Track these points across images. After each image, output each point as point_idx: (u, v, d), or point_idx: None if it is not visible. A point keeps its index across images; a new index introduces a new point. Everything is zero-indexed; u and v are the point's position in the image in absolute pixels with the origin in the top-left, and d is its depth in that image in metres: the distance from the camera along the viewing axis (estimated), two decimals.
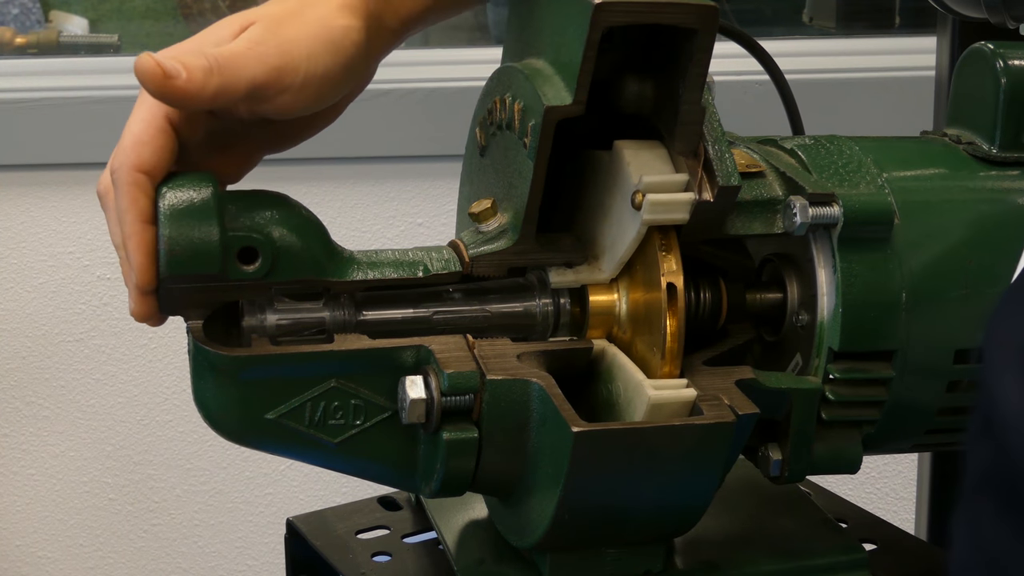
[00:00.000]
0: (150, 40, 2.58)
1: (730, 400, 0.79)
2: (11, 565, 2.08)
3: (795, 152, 0.87)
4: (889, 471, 2.03)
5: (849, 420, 0.85)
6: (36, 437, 2.04)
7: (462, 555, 0.89)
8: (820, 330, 0.84)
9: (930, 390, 0.86)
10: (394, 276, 0.82)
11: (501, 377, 0.79)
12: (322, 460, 0.82)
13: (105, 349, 2.00)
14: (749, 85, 1.80)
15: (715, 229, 0.83)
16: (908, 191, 0.86)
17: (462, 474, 0.80)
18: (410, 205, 1.95)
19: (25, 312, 1.99)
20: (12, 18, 2.39)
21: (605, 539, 0.83)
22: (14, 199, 1.96)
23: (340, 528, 0.97)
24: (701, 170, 0.80)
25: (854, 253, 0.83)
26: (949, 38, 1.31)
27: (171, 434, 2.03)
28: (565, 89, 0.79)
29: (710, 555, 0.89)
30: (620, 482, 0.78)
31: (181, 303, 0.79)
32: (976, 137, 0.90)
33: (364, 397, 0.80)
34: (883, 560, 0.94)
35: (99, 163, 2.02)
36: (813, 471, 0.86)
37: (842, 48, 2.01)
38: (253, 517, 2.06)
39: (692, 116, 0.79)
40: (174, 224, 0.77)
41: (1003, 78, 0.89)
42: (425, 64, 1.99)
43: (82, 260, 1.98)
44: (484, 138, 0.88)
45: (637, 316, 0.82)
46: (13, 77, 1.97)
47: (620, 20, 0.76)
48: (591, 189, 0.85)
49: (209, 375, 0.79)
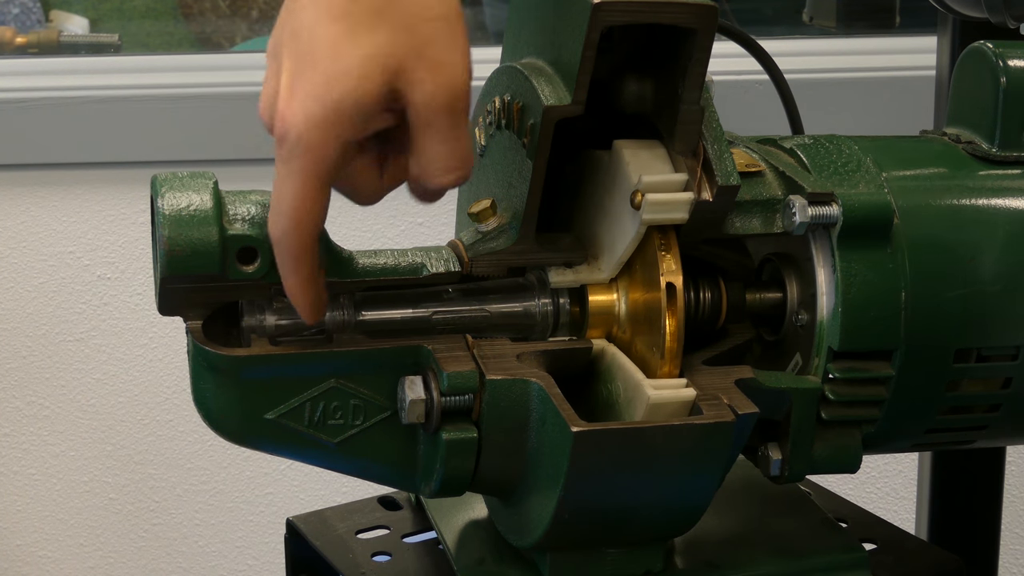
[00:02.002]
0: (150, 40, 2.58)
1: (730, 400, 0.79)
2: (11, 565, 2.08)
3: (794, 152, 0.87)
4: (889, 471, 2.03)
5: (849, 419, 0.85)
6: (36, 437, 2.04)
7: (462, 555, 0.89)
8: (820, 329, 0.84)
9: (930, 389, 0.86)
10: (394, 276, 0.82)
11: (501, 377, 0.79)
12: (322, 460, 0.82)
13: (105, 349, 2.00)
14: (749, 85, 1.80)
15: (715, 229, 0.83)
16: (908, 191, 0.86)
17: (462, 474, 0.80)
18: (410, 205, 1.95)
19: (25, 312, 1.99)
20: (12, 18, 2.39)
21: (605, 539, 0.83)
22: (14, 199, 1.96)
23: (340, 528, 0.97)
24: (700, 170, 0.80)
25: (854, 252, 0.83)
26: (949, 38, 1.31)
27: (171, 434, 2.03)
28: (565, 89, 0.79)
29: (710, 555, 0.89)
30: (620, 482, 0.78)
31: (181, 303, 0.79)
32: (976, 136, 0.90)
33: (364, 397, 0.80)
34: (883, 560, 0.94)
35: (99, 163, 2.02)
36: (813, 471, 0.86)
37: (842, 48, 2.01)
38: (253, 517, 2.06)
39: (691, 116, 0.79)
40: (174, 224, 0.77)
41: (1003, 77, 0.89)
42: None
43: (82, 260, 1.98)
44: (484, 138, 0.88)
45: (637, 316, 0.82)
46: (13, 77, 1.97)
47: (619, 20, 0.76)
48: (591, 189, 0.85)
49: (209, 375, 0.79)
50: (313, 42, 0.72)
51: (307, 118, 0.71)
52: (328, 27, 0.72)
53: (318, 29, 0.72)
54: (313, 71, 0.72)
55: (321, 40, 0.72)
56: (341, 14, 0.72)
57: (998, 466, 1.39)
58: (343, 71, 0.71)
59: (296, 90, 0.72)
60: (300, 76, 0.72)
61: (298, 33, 0.73)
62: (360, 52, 0.71)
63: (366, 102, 0.72)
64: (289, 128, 0.72)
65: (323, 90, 0.71)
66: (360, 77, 0.71)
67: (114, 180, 1.95)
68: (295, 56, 0.73)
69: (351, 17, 0.71)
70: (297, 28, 0.73)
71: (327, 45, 0.72)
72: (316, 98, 0.71)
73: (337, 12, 0.72)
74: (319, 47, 0.72)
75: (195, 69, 1.97)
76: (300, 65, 0.72)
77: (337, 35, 0.71)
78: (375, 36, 0.71)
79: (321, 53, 0.72)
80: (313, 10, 0.72)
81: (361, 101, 0.72)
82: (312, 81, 0.71)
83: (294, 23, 0.73)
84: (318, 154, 0.72)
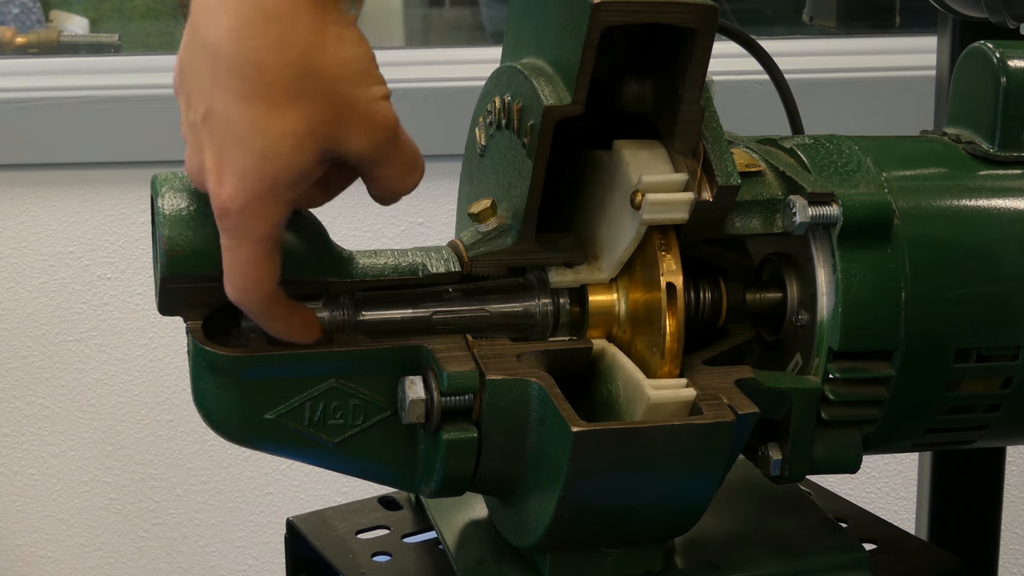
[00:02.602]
0: (150, 40, 2.58)
1: (730, 400, 0.79)
2: (11, 565, 2.08)
3: (795, 152, 0.87)
4: (889, 471, 2.03)
5: (849, 419, 0.85)
6: (36, 437, 2.04)
7: (462, 555, 0.89)
8: (820, 329, 0.84)
9: (930, 389, 0.86)
10: (394, 276, 0.82)
11: (501, 377, 0.79)
12: (322, 460, 0.82)
13: (105, 349, 2.00)
14: (749, 85, 1.80)
15: (715, 229, 0.83)
16: (908, 190, 0.86)
17: (462, 474, 0.80)
18: (410, 205, 1.95)
19: (25, 312, 1.99)
20: (12, 18, 2.39)
21: (605, 539, 0.83)
22: (14, 199, 1.96)
23: (340, 528, 0.97)
24: (700, 170, 0.80)
25: (854, 252, 0.83)
26: (949, 38, 1.31)
27: (171, 434, 2.03)
28: (564, 89, 0.79)
29: (710, 555, 0.89)
30: (620, 482, 0.78)
31: (181, 303, 0.79)
32: (976, 136, 0.90)
33: (364, 397, 0.80)
34: (883, 560, 0.94)
35: (99, 163, 2.02)
36: (813, 471, 0.86)
37: (842, 48, 2.01)
38: (253, 517, 2.06)
39: (691, 116, 0.79)
40: (174, 224, 0.77)
41: (1003, 77, 0.89)
42: (424, 64, 1.99)
43: (82, 260, 1.98)
44: (483, 138, 0.88)
45: (637, 316, 0.82)
46: (13, 77, 1.97)
47: (619, 20, 0.76)
48: (591, 189, 0.85)
49: (209, 375, 0.79)
50: (230, 125, 0.71)
51: (246, 193, 0.72)
52: (244, 109, 0.71)
53: (233, 112, 0.71)
54: (241, 151, 0.71)
55: (240, 123, 0.71)
56: (256, 95, 0.70)
57: (998, 466, 1.39)
58: (274, 149, 0.71)
59: (226, 171, 0.72)
60: (227, 158, 0.72)
61: (211, 115, 0.71)
62: (288, 127, 0.71)
63: (304, 170, 0.72)
64: (229, 204, 0.72)
65: (258, 167, 0.71)
66: (293, 151, 0.71)
67: (114, 180, 1.95)
68: (214, 137, 0.72)
69: (269, 98, 0.71)
70: (209, 110, 0.72)
71: (248, 126, 0.71)
72: (252, 175, 0.71)
73: (250, 93, 0.70)
74: (239, 129, 0.71)
75: None
76: (223, 146, 0.72)
77: (256, 115, 0.71)
78: (298, 111, 0.71)
79: (243, 133, 0.71)
80: (220, 91, 0.71)
81: (298, 171, 0.72)
82: (242, 162, 0.71)
83: (203, 98, 0.72)
84: (264, 222, 0.73)
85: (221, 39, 0.70)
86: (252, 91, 0.70)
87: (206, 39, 0.70)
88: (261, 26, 0.69)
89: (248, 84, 0.70)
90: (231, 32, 0.70)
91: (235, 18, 0.70)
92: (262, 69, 0.70)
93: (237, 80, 0.70)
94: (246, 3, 0.69)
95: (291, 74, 0.70)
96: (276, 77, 0.70)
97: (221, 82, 0.71)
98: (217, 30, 0.70)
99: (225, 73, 0.70)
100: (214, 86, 0.71)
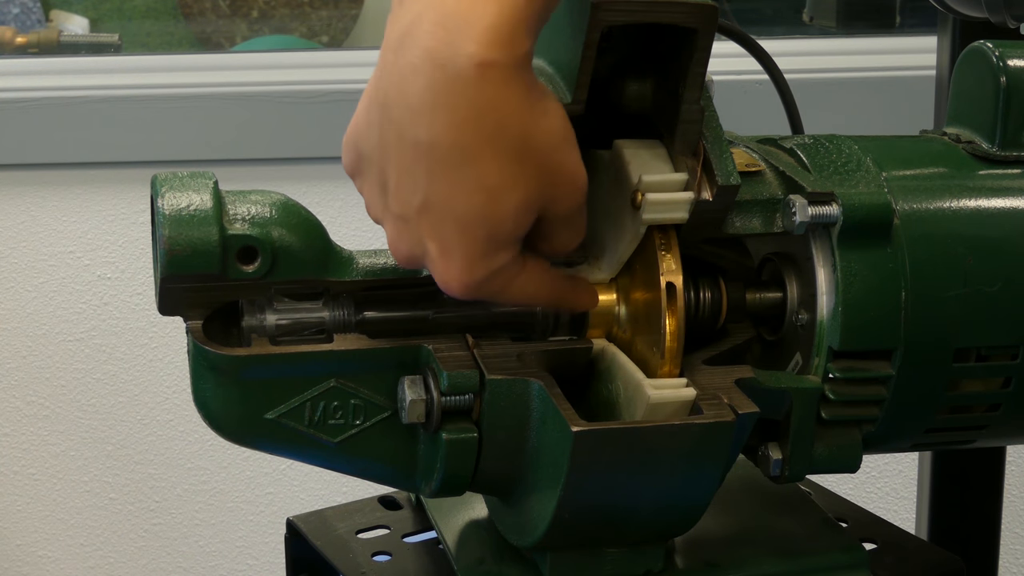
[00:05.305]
0: (150, 40, 2.58)
1: (730, 399, 0.78)
2: (11, 565, 2.08)
3: (794, 151, 0.87)
4: (889, 471, 2.03)
5: (849, 419, 0.85)
6: (36, 437, 2.04)
7: (462, 555, 0.89)
8: (820, 329, 0.84)
9: (930, 389, 0.86)
10: (394, 276, 0.82)
11: (501, 377, 0.79)
12: (322, 460, 0.82)
13: (105, 349, 2.00)
14: (749, 85, 1.80)
15: (715, 228, 0.83)
16: (908, 190, 0.86)
17: (462, 474, 0.80)
18: None
19: (25, 312, 1.99)
20: (13, 17, 2.39)
21: (605, 539, 0.83)
22: (14, 199, 1.96)
23: (340, 528, 0.97)
24: (700, 169, 0.80)
25: (854, 252, 0.83)
26: (949, 38, 1.31)
27: (171, 434, 2.03)
28: (565, 88, 0.79)
29: (710, 555, 0.89)
30: (620, 482, 0.78)
31: (181, 303, 0.79)
32: (976, 136, 0.90)
33: (364, 397, 0.80)
34: (883, 560, 0.94)
35: (99, 163, 2.02)
36: (813, 470, 0.86)
37: (842, 48, 2.01)
38: (253, 517, 2.06)
39: (692, 115, 0.79)
40: (174, 224, 0.77)
41: (1003, 77, 0.89)
42: None
43: (82, 260, 1.98)
44: None
45: (637, 315, 0.82)
46: (13, 77, 1.97)
47: (619, 19, 0.76)
48: (591, 189, 0.85)
49: (209, 375, 0.79)
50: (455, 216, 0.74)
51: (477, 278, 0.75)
52: (465, 200, 0.73)
53: (457, 205, 0.73)
54: (467, 240, 0.74)
55: (465, 214, 0.74)
56: (477, 188, 0.73)
57: (998, 466, 1.39)
58: (499, 232, 0.74)
59: (454, 257, 0.75)
60: (454, 245, 0.74)
61: (430, 207, 0.74)
62: (509, 210, 0.74)
63: (521, 235, 0.76)
64: (462, 291, 0.76)
65: (483, 251, 0.75)
66: (516, 228, 0.75)
67: (114, 180, 1.96)
68: (436, 228, 0.74)
69: (489, 189, 0.73)
70: (427, 202, 0.74)
71: (474, 216, 0.74)
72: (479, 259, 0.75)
73: (472, 186, 0.73)
74: (465, 219, 0.74)
75: (195, 69, 1.97)
76: (446, 235, 0.74)
77: (479, 205, 0.73)
78: (518, 192, 0.74)
79: (469, 222, 0.74)
80: (439, 185, 0.73)
81: (518, 238, 0.76)
82: (469, 249, 0.74)
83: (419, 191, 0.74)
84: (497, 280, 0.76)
85: (438, 137, 0.72)
86: (474, 184, 0.73)
87: (419, 138, 0.72)
88: (475, 123, 0.72)
89: (469, 177, 0.73)
90: (449, 130, 0.72)
91: (451, 116, 0.72)
92: (481, 162, 0.72)
93: (458, 174, 0.73)
94: (461, 101, 0.71)
95: (508, 161, 0.73)
96: (496, 168, 0.73)
97: (439, 176, 0.73)
98: (430, 129, 0.72)
99: (444, 167, 0.72)
100: (431, 180, 0.73)
